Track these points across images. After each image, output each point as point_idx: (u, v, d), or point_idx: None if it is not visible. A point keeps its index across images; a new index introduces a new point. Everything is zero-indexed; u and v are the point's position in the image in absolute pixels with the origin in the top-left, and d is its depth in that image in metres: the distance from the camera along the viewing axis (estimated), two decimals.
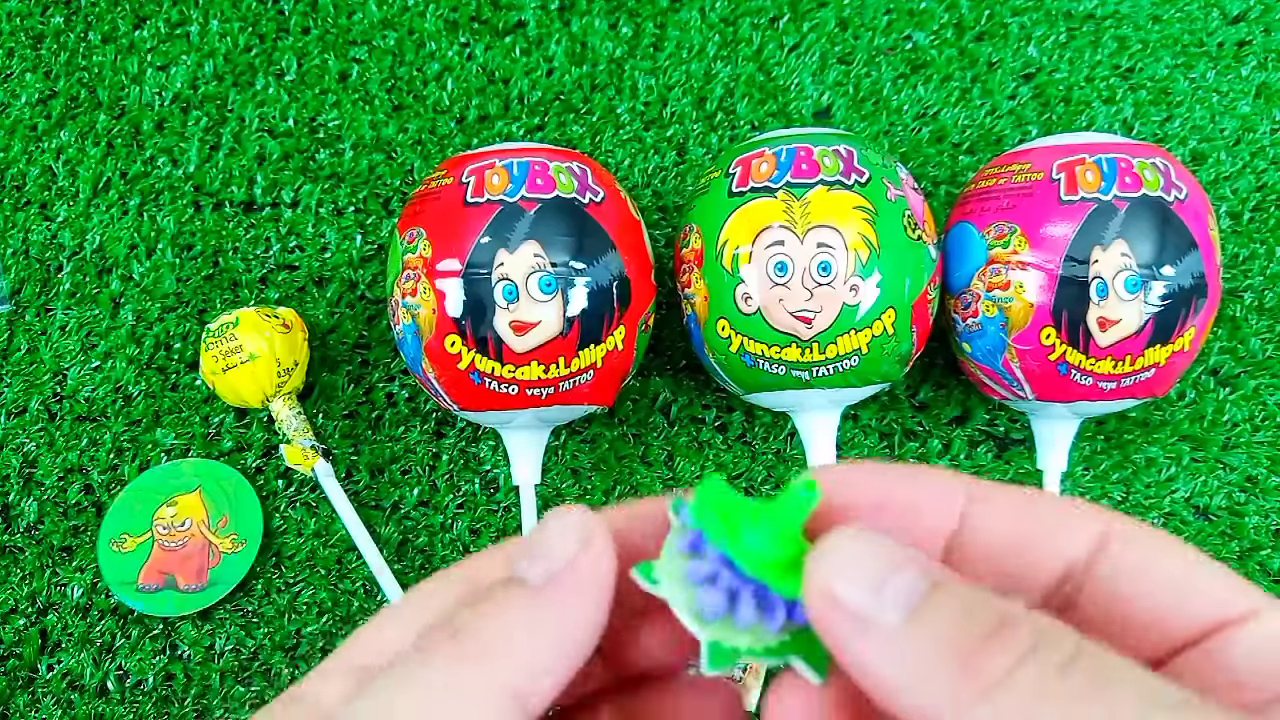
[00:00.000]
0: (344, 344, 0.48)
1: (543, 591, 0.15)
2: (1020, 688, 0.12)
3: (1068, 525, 0.15)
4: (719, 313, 0.40)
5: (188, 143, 0.51)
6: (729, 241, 0.39)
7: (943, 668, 0.13)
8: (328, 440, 0.47)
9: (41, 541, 0.45)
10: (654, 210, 0.50)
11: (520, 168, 0.39)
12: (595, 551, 0.16)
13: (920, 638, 0.13)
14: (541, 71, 0.52)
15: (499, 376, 0.39)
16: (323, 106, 0.52)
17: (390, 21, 0.53)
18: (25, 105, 0.52)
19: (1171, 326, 0.38)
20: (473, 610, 0.15)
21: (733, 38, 0.53)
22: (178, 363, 0.48)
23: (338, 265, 0.49)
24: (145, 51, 0.53)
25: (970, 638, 0.13)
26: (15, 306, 0.49)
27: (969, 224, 0.41)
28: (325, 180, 0.50)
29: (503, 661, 0.14)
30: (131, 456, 0.46)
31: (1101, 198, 0.38)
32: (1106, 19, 0.53)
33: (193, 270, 0.49)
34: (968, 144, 0.51)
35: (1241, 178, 0.50)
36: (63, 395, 0.47)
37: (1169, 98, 0.52)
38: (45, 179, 0.51)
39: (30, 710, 0.43)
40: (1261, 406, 0.47)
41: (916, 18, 0.53)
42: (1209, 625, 0.14)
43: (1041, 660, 0.13)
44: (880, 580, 0.14)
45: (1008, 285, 0.39)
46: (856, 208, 0.38)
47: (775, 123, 0.52)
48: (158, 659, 0.44)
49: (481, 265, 0.38)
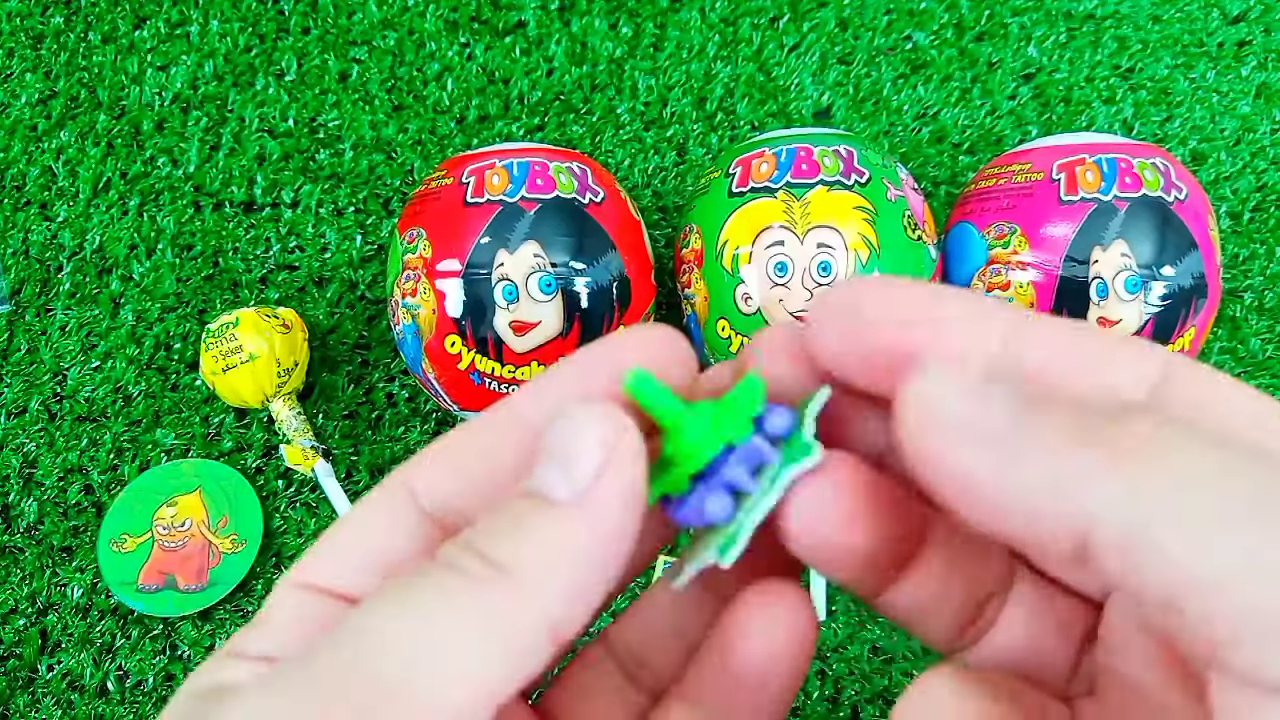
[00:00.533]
0: (344, 344, 0.48)
1: (573, 509, 0.14)
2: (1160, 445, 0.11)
3: (1123, 361, 0.14)
4: (719, 313, 0.40)
5: (188, 143, 0.51)
6: (729, 242, 0.39)
7: (1069, 444, 0.12)
8: (328, 440, 0.47)
9: (41, 541, 0.45)
10: (654, 210, 0.50)
11: (520, 168, 0.39)
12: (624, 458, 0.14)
13: (1039, 423, 0.12)
14: (541, 71, 0.52)
15: (499, 376, 0.39)
16: (323, 106, 0.52)
17: (390, 21, 0.53)
18: (25, 105, 0.52)
19: (1171, 327, 0.38)
20: (495, 531, 0.14)
21: (733, 38, 0.53)
22: (178, 363, 0.48)
23: (338, 265, 0.49)
24: (145, 51, 0.53)
25: (1095, 416, 0.12)
26: (15, 306, 0.49)
27: (969, 224, 0.41)
28: (325, 180, 0.50)
29: (541, 588, 0.13)
30: (131, 456, 0.46)
31: (1101, 198, 0.38)
32: (1106, 19, 0.53)
33: (193, 270, 0.49)
34: (968, 144, 0.51)
35: (1241, 178, 0.50)
36: (63, 395, 0.47)
37: (1169, 98, 0.52)
38: (45, 179, 0.51)
39: (30, 710, 0.43)
40: None
41: (916, 18, 0.53)
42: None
43: (1173, 428, 0.11)
44: (982, 385, 0.13)
45: (1008, 285, 0.39)
46: (856, 208, 0.38)
47: (775, 123, 0.52)
48: (158, 659, 0.44)
49: (481, 265, 0.38)
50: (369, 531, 0.16)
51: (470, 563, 0.13)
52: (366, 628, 0.13)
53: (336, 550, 0.16)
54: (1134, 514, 0.11)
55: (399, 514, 0.16)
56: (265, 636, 0.15)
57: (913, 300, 0.14)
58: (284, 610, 0.15)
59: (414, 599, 0.13)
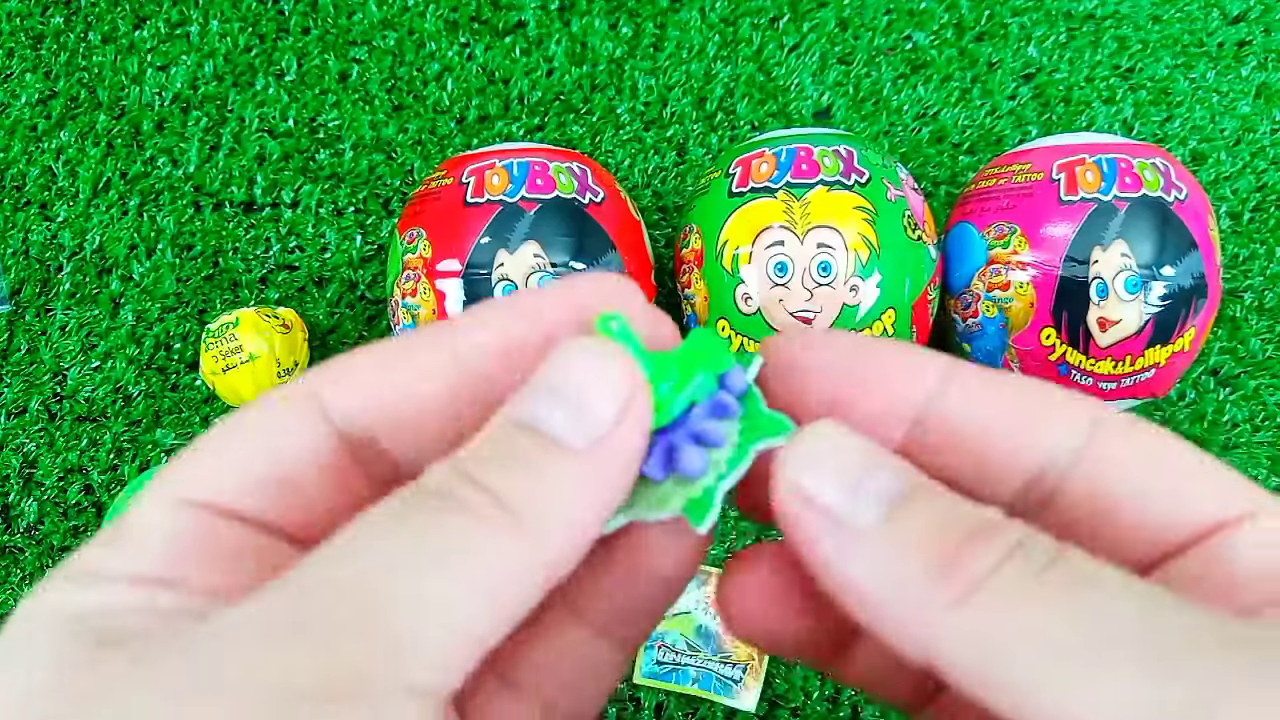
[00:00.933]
0: (344, 344, 0.48)
1: (591, 458, 0.13)
2: (998, 591, 0.12)
3: (1051, 414, 0.14)
4: (719, 313, 0.40)
5: (188, 143, 0.51)
6: (729, 242, 0.39)
7: (918, 571, 0.12)
8: None
9: (41, 541, 0.45)
10: (654, 210, 0.50)
11: (520, 168, 0.39)
12: (638, 415, 0.13)
13: (896, 540, 0.12)
14: (541, 71, 0.52)
15: None
16: (323, 106, 0.52)
17: (390, 21, 0.53)
18: (25, 105, 0.52)
19: (1171, 327, 0.38)
20: (501, 467, 0.13)
21: (733, 38, 0.53)
22: (178, 363, 0.48)
23: (338, 265, 0.49)
24: (145, 51, 0.53)
25: (949, 541, 0.12)
26: (15, 306, 0.49)
27: (969, 224, 0.41)
28: (325, 180, 0.50)
29: (549, 535, 0.12)
30: (131, 456, 0.46)
31: (1101, 198, 0.38)
32: (1106, 19, 0.53)
33: (193, 270, 0.49)
34: (968, 144, 0.51)
35: (1241, 178, 0.50)
36: (63, 395, 0.47)
37: (1169, 98, 0.52)
38: (45, 179, 0.51)
39: None
40: (1261, 406, 0.47)
41: (916, 18, 0.53)
42: (1204, 528, 0.13)
43: (1020, 564, 0.12)
44: (857, 479, 0.13)
45: (1008, 285, 0.39)
46: (856, 208, 0.38)
47: (775, 123, 0.52)
48: None
49: (481, 265, 0.38)
50: (269, 440, 0.14)
51: (474, 496, 0.12)
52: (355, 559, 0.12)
53: (226, 459, 0.13)
54: (973, 653, 0.12)
55: (306, 424, 0.14)
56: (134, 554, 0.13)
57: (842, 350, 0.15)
58: (152, 524, 0.13)
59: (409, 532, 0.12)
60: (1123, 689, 0.11)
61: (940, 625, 0.12)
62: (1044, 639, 0.11)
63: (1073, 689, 0.11)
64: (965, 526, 0.12)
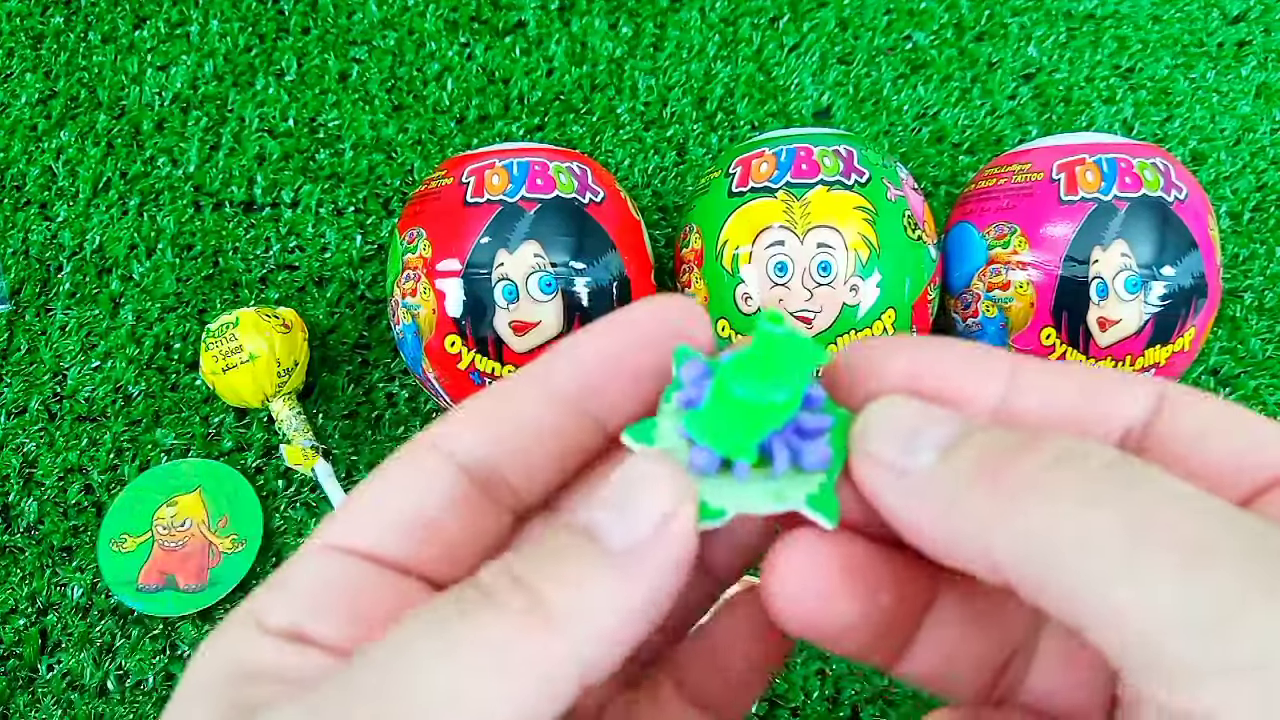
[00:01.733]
0: (344, 344, 0.48)
1: (626, 561, 0.13)
2: (1047, 491, 0.12)
3: (1119, 392, 0.15)
4: (719, 313, 0.40)
5: (188, 143, 0.51)
6: (729, 242, 0.39)
7: (972, 488, 0.13)
8: (328, 440, 0.47)
9: (41, 541, 0.45)
10: (654, 210, 0.50)
11: (520, 168, 0.39)
12: (684, 522, 0.14)
13: (950, 472, 0.13)
14: (541, 71, 0.52)
15: (499, 376, 0.39)
16: (323, 106, 0.52)
17: (390, 21, 0.53)
18: (25, 105, 0.52)
19: (1171, 327, 0.38)
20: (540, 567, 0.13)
21: (733, 38, 0.53)
22: (178, 363, 0.48)
23: (338, 265, 0.49)
24: (145, 51, 0.53)
25: (999, 457, 0.13)
26: (15, 306, 0.49)
27: (969, 224, 0.41)
28: (325, 180, 0.50)
29: (579, 633, 0.13)
30: (131, 456, 0.46)
31: (1101, 198, 0.38)
32: (1106, 19, 0.53)
33: (193, 270, 0.49)
34: (968, 144, 0.51)
35: (1241, 178, 0.50)
36: (63, 395, 0.47)
37: (1169, 98, 0.52)
38: (45, 179, 0.51)
39: (30, 710, 0.43)
40: (1261, 406, 0.47)
41: (916, 18, 0.53)
42: (1271, 479, 0.13)
43: (1071, 467, 0.12)
44: (913, 433, 0.14)
45: (1008, 285, 0.39)
46: (856, 208, 0.38)
47: (775, 123, 0.52)
48: (158, 659, 0.44)
49: (481, 265, 0.38)
50: (401, 488, 0.15)
51: (513, 596, 0.13)
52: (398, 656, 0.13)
53: (364, 509, 0.15)
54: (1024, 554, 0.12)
55: (432, 469, 0.15)
56: (288, 602, 0.14)
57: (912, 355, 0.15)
58: (307, 573, 0.15)
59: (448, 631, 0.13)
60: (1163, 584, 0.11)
61: (998, 532, 0.12)
62: (1089, 534, 0.12)
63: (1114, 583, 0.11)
64: (1012, 441, 0.13)
